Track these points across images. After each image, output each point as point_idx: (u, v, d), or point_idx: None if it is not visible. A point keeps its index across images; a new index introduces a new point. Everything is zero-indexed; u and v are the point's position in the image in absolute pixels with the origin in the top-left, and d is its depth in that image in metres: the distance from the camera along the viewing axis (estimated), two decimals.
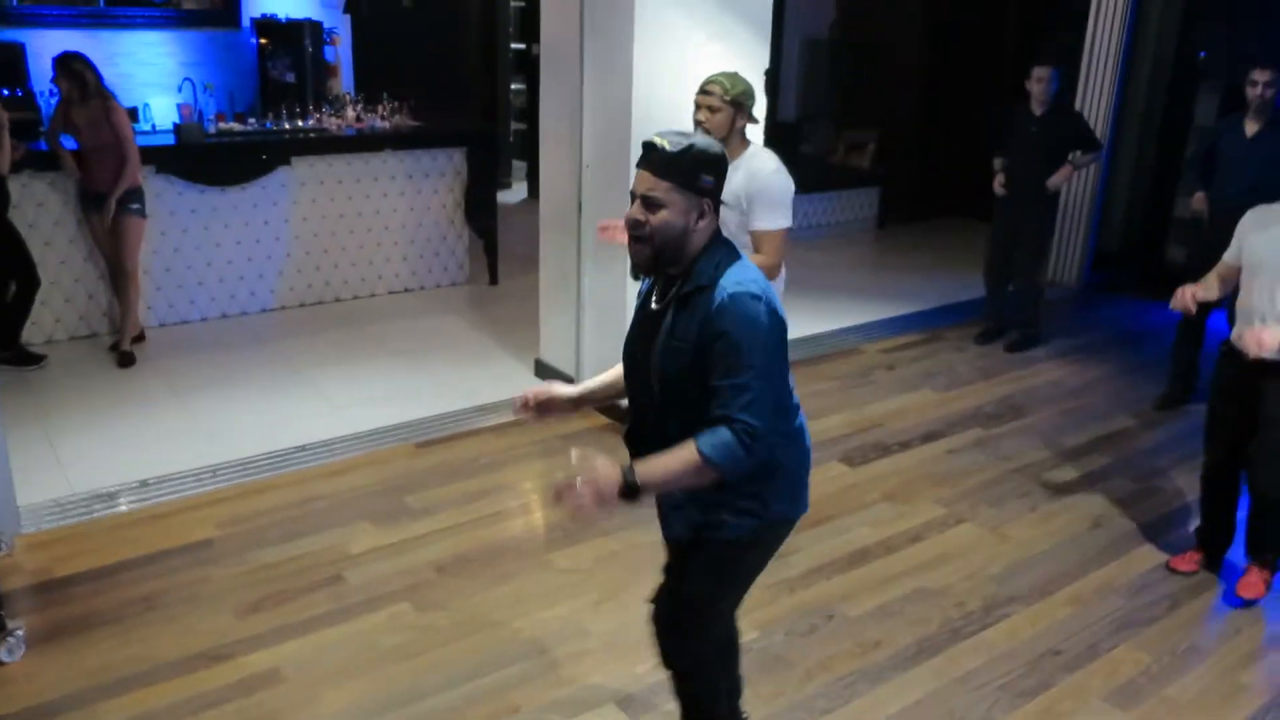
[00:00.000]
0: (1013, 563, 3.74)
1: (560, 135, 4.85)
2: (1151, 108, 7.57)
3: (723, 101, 3.35)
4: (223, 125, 6.24)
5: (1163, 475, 4.51)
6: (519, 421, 4.77)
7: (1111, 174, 7.51)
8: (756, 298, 2.01)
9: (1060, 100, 5.73)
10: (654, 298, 2.18)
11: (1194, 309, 3.42)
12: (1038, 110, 5.65)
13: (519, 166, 10.38)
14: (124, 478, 4.10)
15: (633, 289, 4.73)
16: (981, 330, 6.19)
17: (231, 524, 3.84)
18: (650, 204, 2.03)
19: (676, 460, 2.01)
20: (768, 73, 4.78)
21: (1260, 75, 4.62)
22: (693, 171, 2.02)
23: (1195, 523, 3.84)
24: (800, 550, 3.76)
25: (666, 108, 4.48)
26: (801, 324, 6.15)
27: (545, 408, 2.43)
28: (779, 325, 2.07)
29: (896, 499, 4.20)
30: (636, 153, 4.43)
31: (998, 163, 5.90)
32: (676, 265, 2.09)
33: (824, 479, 4.36)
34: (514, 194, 9.92)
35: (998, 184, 5.85)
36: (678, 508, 2.29)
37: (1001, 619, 3.40)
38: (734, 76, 3.39)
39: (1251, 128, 4.74)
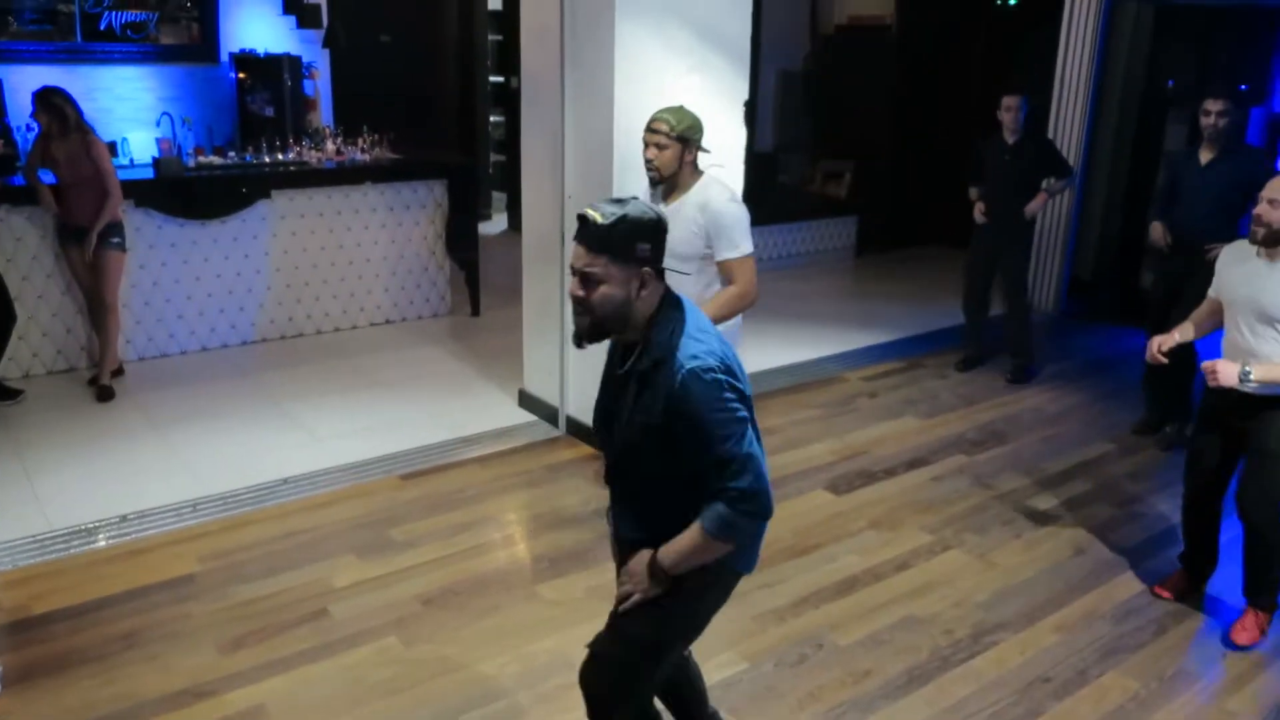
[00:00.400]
0: (999, 590, 3.76)
1: (542, 166, 4.88)
2: (1122, 136, 7.70)
3: (669, 138, 3.33)
4: (202, 159, 6.23)
5: (1142, 501, 4.55)
6: (504, 452, 4.78)
7: (1085, 201, 7.63)
8: (712, 370, 2.00)
9: (1031, 128, 5.85)
10: (619, 360, 2.18)
11: (1164, 360, 3.49)
12: (1009, 139, 5.76)
13: (499, 198, 10.41)
14: (103, 513, 4.05)
15: None
16: (962, 358, 6.24)
17: (213, 559, 3.79)
18: (588, 280, 2.02)
19: (689, 543, 2.10)
20: (747, 104, 4.84)
21: (1212, 105, 4.66)
22: (627, 242, 1.99)
23: (1179, 548, 3.86)
24: (788, 579, 3.76)
25: None
26: (782, 353, 6.20)
27: None
28: (740, 388, 2.07)
29: (883, 526, 4.21)
30: (620, 182, 4.56)
31: (974, 191, 5.98)
32: (624, 333, 2.09)
33: (809, 507, 4.37)
34: (495, 225, 9.95)
35: (978, 212, 5.92)
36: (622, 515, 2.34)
37: (990, 647, 3.40)
38: (680, 111, 3.37)
39: (1205, 156, 4.79)
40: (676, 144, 3.33)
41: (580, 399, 4.96)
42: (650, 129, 3.37)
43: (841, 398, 5.71)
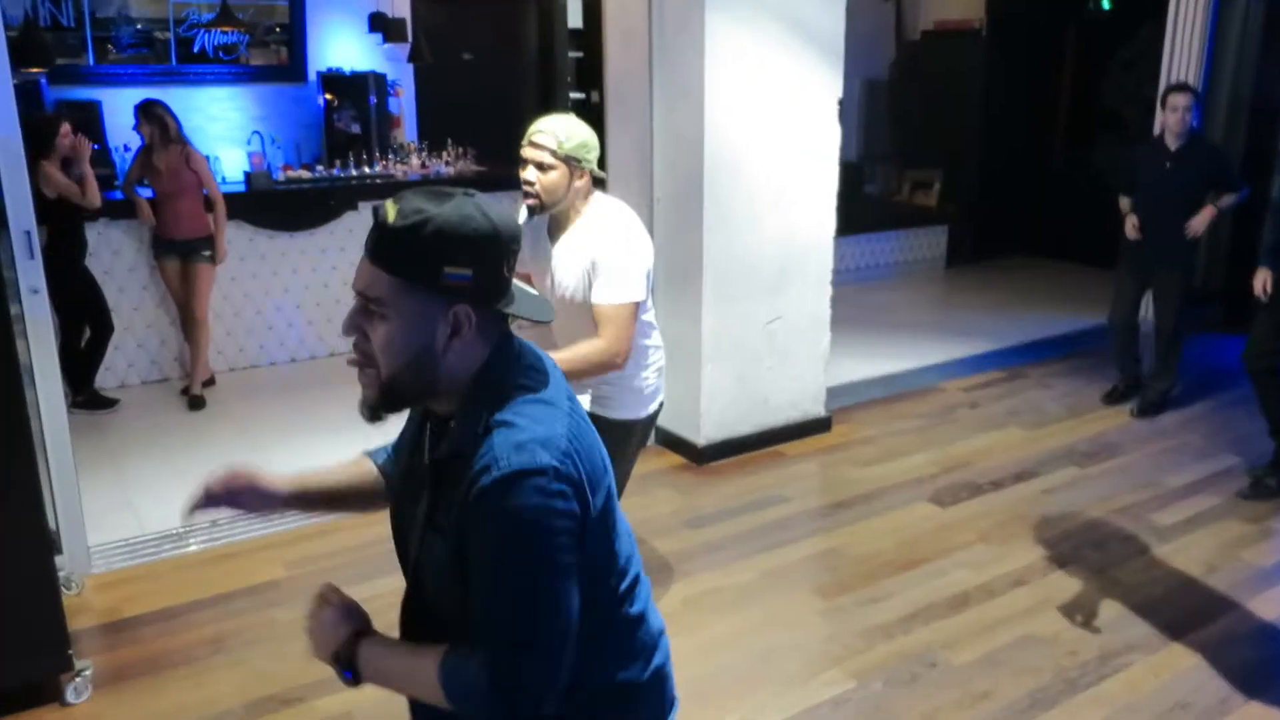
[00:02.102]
0: (1125, 609, 3.48)
1: (629, 169, 4.77)
2: (1231, 141, 7.32)
3: (555, 157, 2.59)
4: (290, 174, 6.30)
5: (1278, 516, 4.22)
6: None
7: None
8: (538, 473, 1.24)
9: (1197, 133, 5.13)
10: (420, 439, 1.47)
11: None
12: (1173, 144, 5.03)
13: None
14: (194, 518, 4.02)
15: (708, 326, 4.62)
16: (1110, 390, 5.55)
17: (301, 564, 3.73)
18: (368, 311, 1.31)
19: (413, 665, 1.36)
20: (841, 102, 4.68)
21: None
22: (429, 260, 1.26)
23: None
24: (895, 594, 3.54)
25: (740, 134, 4.40)
26: (875, 363, 5.98)
27: (239, 500, 1.67)
28: (576, 511, 1.28)
29: (993, 541, 3.97)
30: (710, 184, 4.43)
31: (1126, 204, 5.26)
32: (434, 402, 1.39)
33: (913, 520, 4.15)
34: None
35: (1131, 227, 5.17)
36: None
37: (1120, 669, 3.14)
38: (569, 123, 2.65)
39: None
40: (563, 165, 2.59)
41: (671, 406, 4.81)
42: (531, 143, 2.63)
43: (940, 408, 5.47)
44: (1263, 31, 7.01)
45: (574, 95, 10.26)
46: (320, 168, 6.49)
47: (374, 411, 1.39)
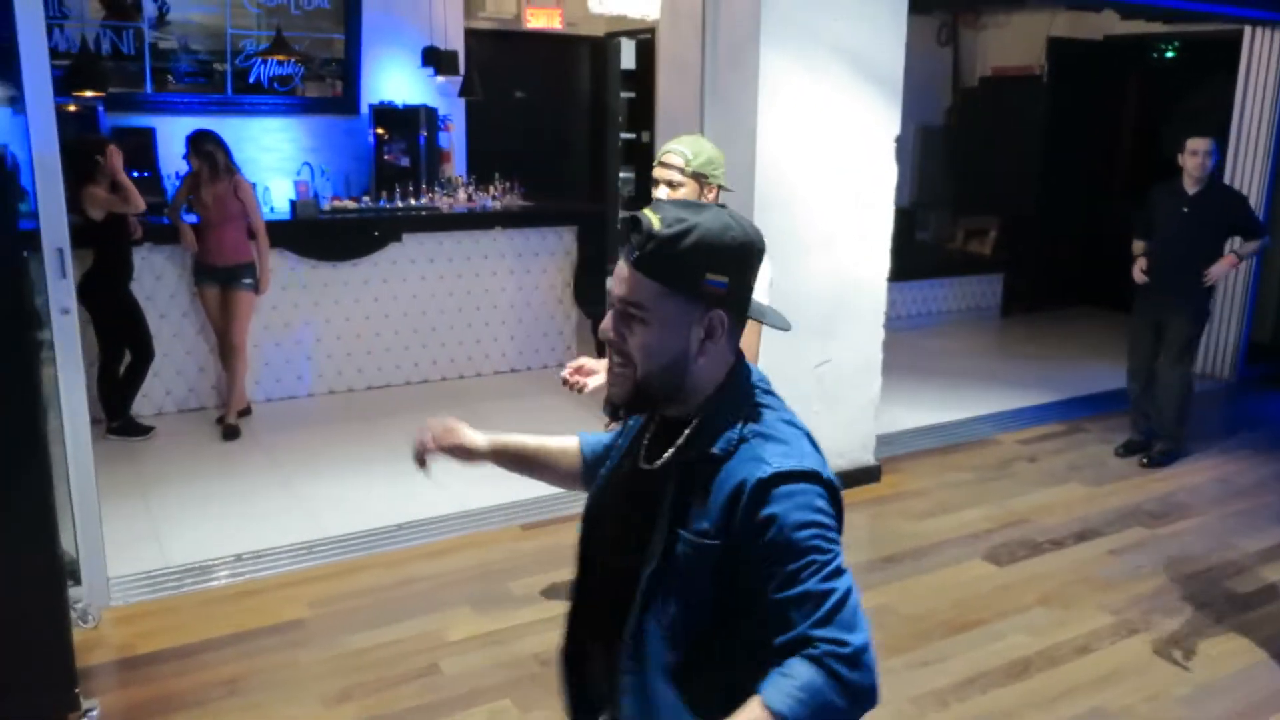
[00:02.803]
0: (1203, 684, 3.21)
1: None
2: None
3: (684, 174, 2.73)
4: (336, 204, 6.27)
5: None
6: None
7: (1265, 258, 6.94)
8: (807, 478, 1.30)
9: (1217, 178, 5.07)
10: (644, 447, 1.47)
11: None
12: (1191, 189, 4.95)
13: None
14: (219, 551, 3.92)
15: (758, 365, 4.44)
16: (1125, 441, 5.34)
17: (324, 604, 3.59)
18: (628, 315, 1.35)
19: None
20: (897, 140, 4.53)
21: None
22: (691, 267, 1.31)
23: None
24: (949, 658, 3.31)
25: (793, 170, 4.25)
26: (928, 412, 5.76)
27: (451, 452, 1.82)
28: (835, 522, 1.32)
29: (1054, 603, 3.71)
30: (761, 218, 4.28)
31: (1138, 246, 5.16)
32: (672, 406, 1.40)
33: (968, 579, 3.90)
34: None
35: (1138, 270, 5.09)
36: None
37: None
38: (697, 142, 2.81)
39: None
40: (692, 182, 2.74)
41: None
42: (661, 162, 2.78)
43: (996, 461, 5.21)
44: None
45: (625, 135, 10.25)
46: (366, 199, 6.46)
47: (617, 410, 1.44)
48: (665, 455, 1.40)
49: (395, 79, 7.63)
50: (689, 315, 1.33)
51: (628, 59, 10.19)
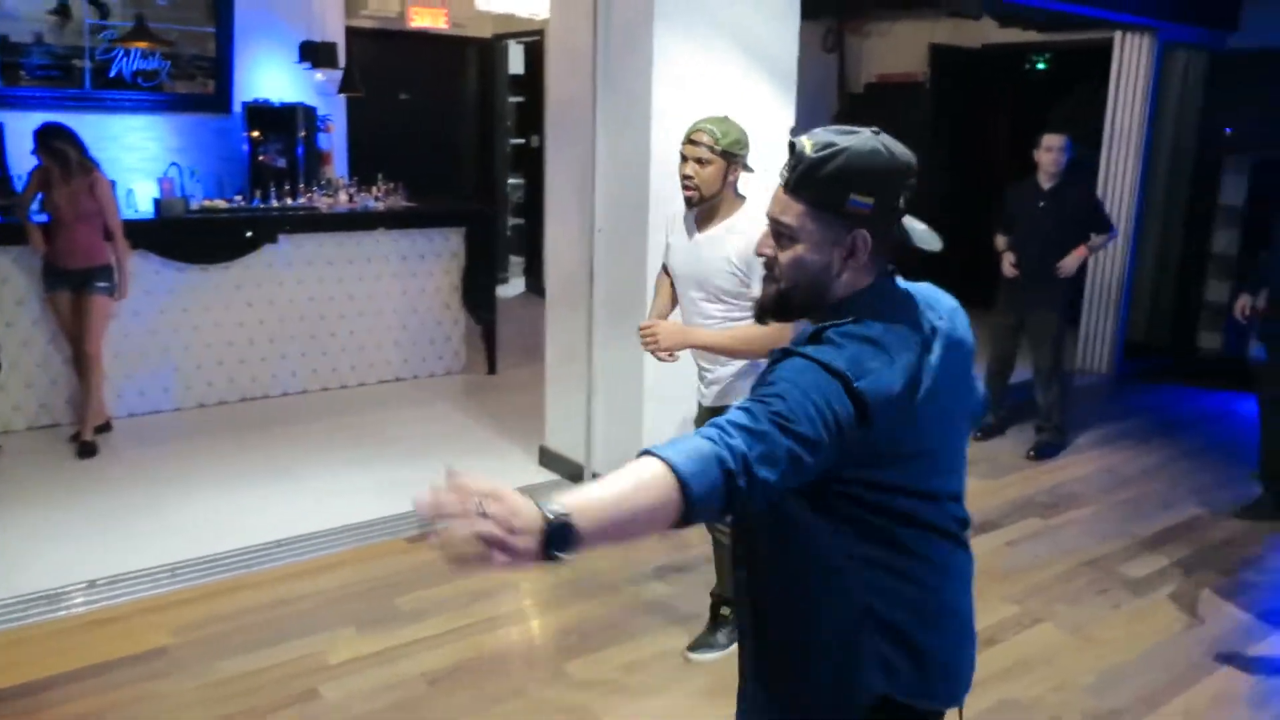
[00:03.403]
0: (1107, 669, 3.20)
1: (569, 197, 4.49)
2: (1175, 190, 7.31)
3: (712, 152, 2.86)
4: (206, 203, 5.89)
5: (1255, 565, 4.00)
6: None
7: (1138, 259, 7.19)
8: (828, 365, 1.36)
9: (1071, 174, 5.17)
10: None
11: None
12: (1046, 184, 5.09)
13: (516, 261, 10.08)
14: (70, 577, 3.55)
15: (651, 363, 4.30)
16: (979, 427, 5.43)
17: (190, 630, 3.28)
18: (779, 234, 1.48)
19: (635, 502, 1.22)
20: (792, 130, 4.46)
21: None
22: (836, 188, 1.41)
23: None
24: None
25: None
26: None
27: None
28: (840, 418, 1.34)
29: None
30: (655, 212, 4.14)
31: (1002, 241, 5.27)
32: (812, 314, 1.52)
33: None
34: (512, 288, 9.59)
35: (1008, 265, 5.19)
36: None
37: None
38: (724, 122, 2.94)
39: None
40: (720, 160, 2.86)
41: (609, 454, 4.48)
42: (690, 140, 2.91)
43: None
44: (1204, 86, 7.04)
45: (514, 140, 10.04)
46: (239, 199, 6.09)
47: (764, 314, 1.57)
48: None
49: (271, 76, 7.27)
50: (833, 234, 1.44)
51: (516, 63, 10.01)
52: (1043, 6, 5.91)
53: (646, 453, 1.26)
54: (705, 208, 2.93)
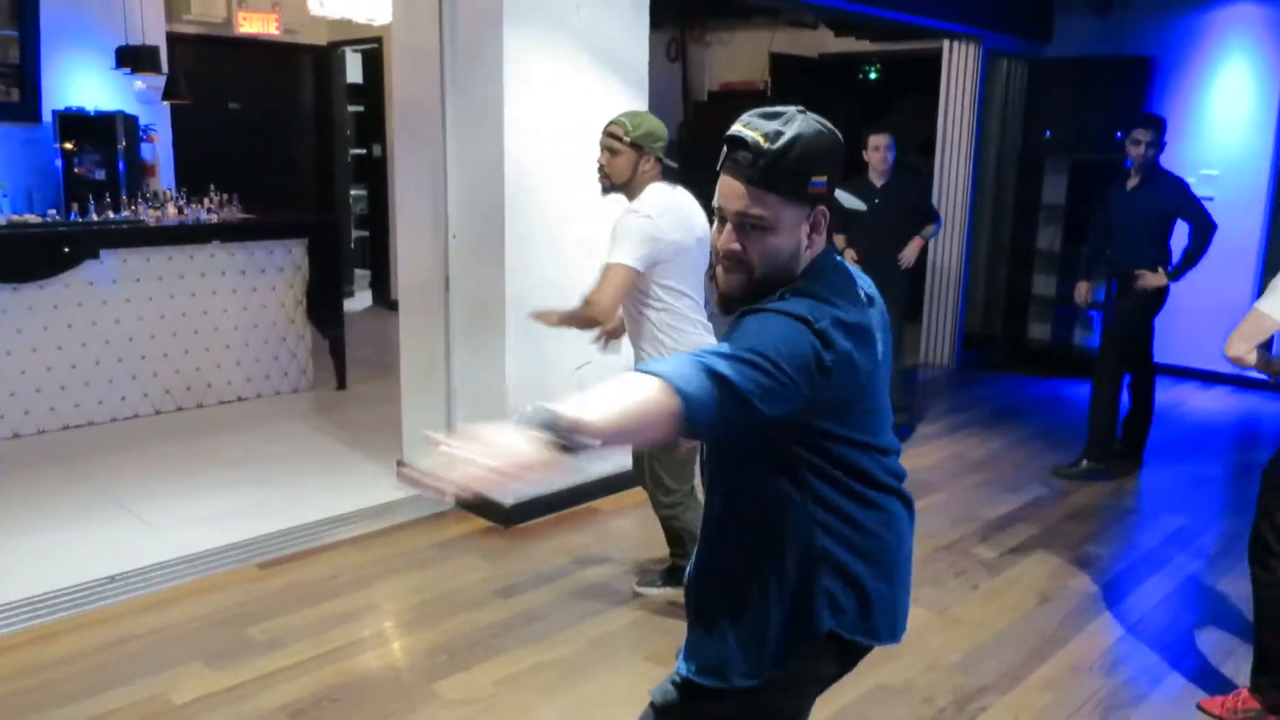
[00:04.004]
0: (972, 648, 3.29)
1: (421, 204, 4.33)
2: (1002, 190, 7.74)
3: (622, 144, 3.06)
4: (15, 218, 5.42)
5: (1094, 541, 4.22)
6: (383, 531, 4.11)
7: (971, 255, 7.56)
8: (800, 318, 1.44)
9: (899, 169, 5.43)
10: None
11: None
12: (877, 181, 5.31)
13: (361, 275, 9.75)
14: None
15: (513, 371, 4.20)
16: None
17: (16, 679, 2.96)
18: (748, 227, 1.50)
19: (636, 403, 1.32)
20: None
21: (1141, 135, 4.73)
22: (801, 175, 1.49)
23: (1145, 591, 3.50)
24: None
25: (544, 161, 4.07)
26: None
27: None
28: (809, 365, 1.42)
29: None
30: (511, 216, 4.03)
31: (841, 240, 5.33)
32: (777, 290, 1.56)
33: None
34: (358, 302, 9.26)
35: (850, 258, 5.14)
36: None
37: (979, 713, 2.92)
38: (639, 115, 3.13)
39: (1132, 183, 4.85)
40: (630, 150, 3.05)
41: None
42: (605, 132, 3.10)
43: None
44: (1025, 92, 7.48)
45: (355, 151, 9.71)
46: (54, 212, 5.64)
47: (731, 305, 1.56)
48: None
49: (86, 83, 6.77)
50: (801, 216, 1.51)
51: (354, 72, 9.68)
52: (876, 14, 6.13)
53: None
54: (624, 196, 3.10)
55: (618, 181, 3.08)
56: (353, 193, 9.73)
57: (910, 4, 6.25)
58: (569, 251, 4.16)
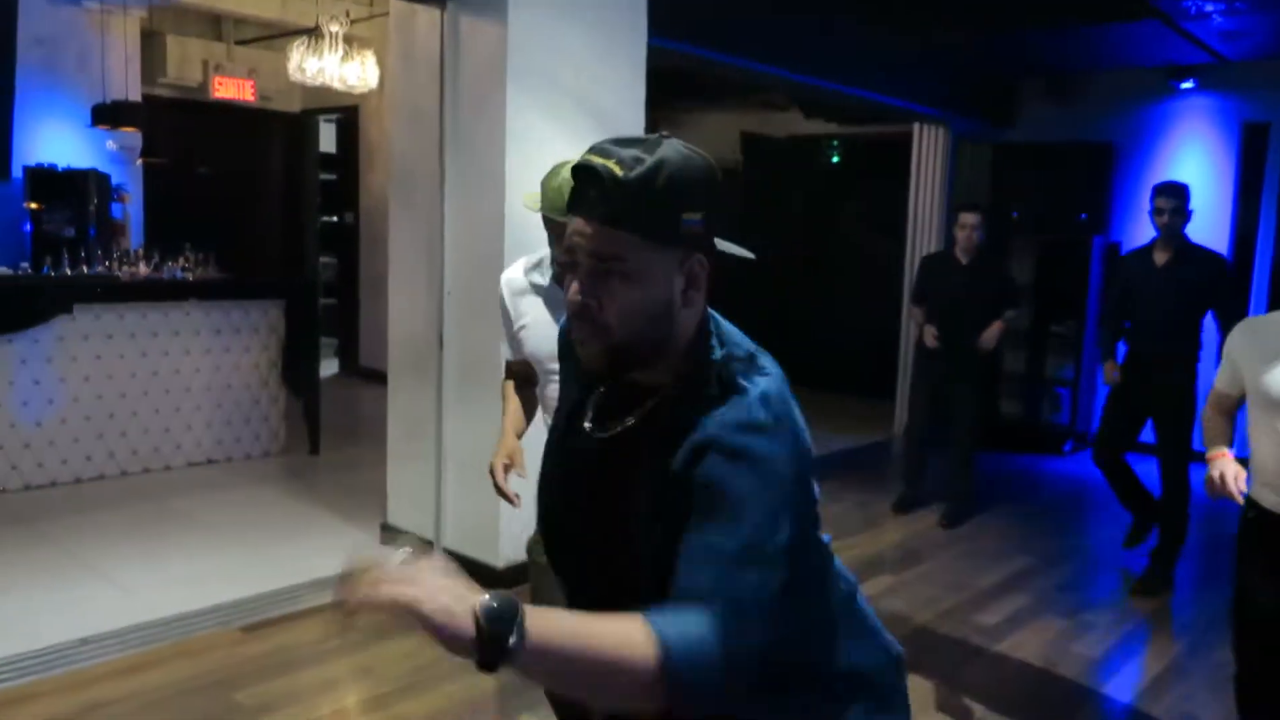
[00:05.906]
0: (984, 714, 3.24)
1: (416, 261, 4.30)
2: None
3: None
4: None
5: (1090, 610, 4.22)
6: None
7: None
8: (779, 421, 1.17)
9: (986, 250, 5.26)
10: (588, 412, 1.32)
11: (1240, 493, 2.31)
12: (964, 259, 5.11)
13: (328, 343, 9.61)
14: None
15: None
16: (899, 498, 5.51)
17: None
18: (600, 275, 1.18)
19: (602, 634, 1.05)
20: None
21: (1165, 203, 4.29)
22: (668, 210, 1.17)
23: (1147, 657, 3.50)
24: None
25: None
26: None
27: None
28: (803, 456, 1.20)
29: None
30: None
31: (919, 313, 5.24)
32: (652, 366, 1.24)
33: None
34: (326, 368, 9.09)
35: (930, 337, 5.12)
36: None
37: None
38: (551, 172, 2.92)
39: (1161, 257, 4.38)
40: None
41: (459, 528, 4.24)
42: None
43: None
44: (990, 174, 7.71)
45: (327, 219, 9.66)
46: (25, 264, 5.50)
47: (592, 380, 1.29)
48: (628, 422, 1.25)
49: (57, 140, 6.70)
50: (669, 262, 1.20)
51: (327, 141, 9.70)
52: (851, 93, 6.30)
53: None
54: None
55: None
56: (322, 260, 9.65)
57: (879, 84, 6.43)
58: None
